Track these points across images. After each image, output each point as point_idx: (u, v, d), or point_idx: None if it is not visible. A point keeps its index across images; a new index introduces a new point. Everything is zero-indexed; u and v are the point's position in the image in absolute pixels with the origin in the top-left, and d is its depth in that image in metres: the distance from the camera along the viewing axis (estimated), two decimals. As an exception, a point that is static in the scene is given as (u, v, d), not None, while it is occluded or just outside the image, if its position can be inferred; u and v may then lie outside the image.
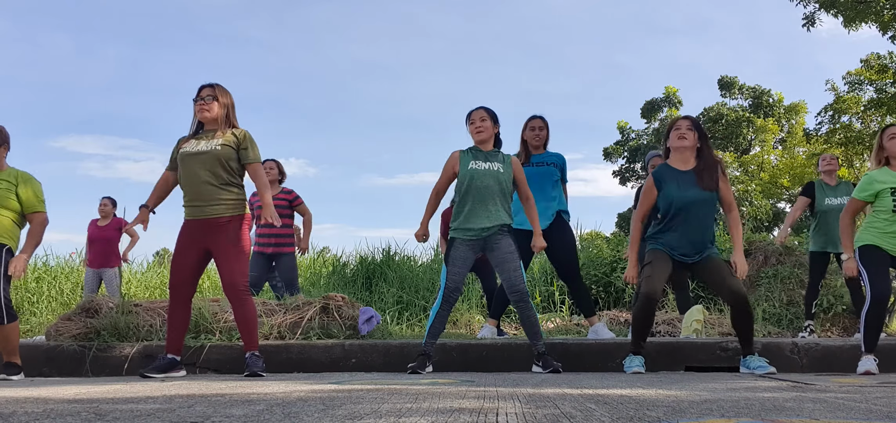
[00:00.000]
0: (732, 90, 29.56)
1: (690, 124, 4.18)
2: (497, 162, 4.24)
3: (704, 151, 4.15)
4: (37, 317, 8.27)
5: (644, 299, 4.04)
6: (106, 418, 1.87)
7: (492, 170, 4.20)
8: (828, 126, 23.41)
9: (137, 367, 4.40)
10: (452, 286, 4.19)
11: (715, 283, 4.09)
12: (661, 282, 4.08)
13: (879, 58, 20.80)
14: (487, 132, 4.29)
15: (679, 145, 4.13)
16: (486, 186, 4.16)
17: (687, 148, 4.12)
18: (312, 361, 4.64)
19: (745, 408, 2.14)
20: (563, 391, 2.70)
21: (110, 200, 7.91)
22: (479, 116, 4.30)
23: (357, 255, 9.30)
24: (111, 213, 7.87)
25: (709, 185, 4.04)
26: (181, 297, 4.05)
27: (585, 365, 4.53)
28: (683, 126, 4.16)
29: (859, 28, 13.52)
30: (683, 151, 4.13)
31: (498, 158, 4.27)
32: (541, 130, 5.14)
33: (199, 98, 4.10)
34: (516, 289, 4.14)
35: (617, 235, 15.82)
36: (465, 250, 4.21)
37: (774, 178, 24.44)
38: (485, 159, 4.24)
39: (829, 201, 5.94)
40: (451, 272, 4.20)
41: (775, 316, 6.50)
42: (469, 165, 4.23)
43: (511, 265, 4.15)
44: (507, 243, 4.19)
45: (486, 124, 4.28)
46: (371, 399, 2.35)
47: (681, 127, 4.16)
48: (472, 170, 4.21)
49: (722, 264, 4.05)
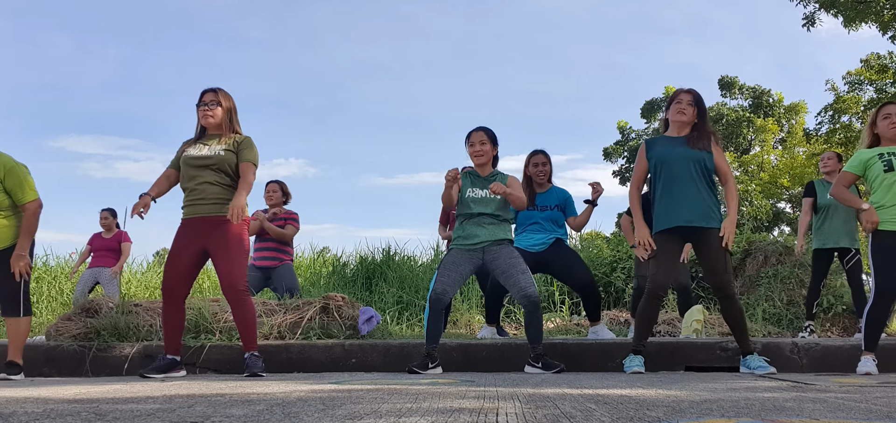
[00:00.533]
0: (732, 90, 29.56)
1: (692, 100, 4.12)
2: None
3: (701, 125, 4.10)
4: (37, 317, 8.27)
5: (649, 295, 4.02)
6: (106, 418, 1.87)
7: (487, 198, 4.25)
8: (828, 126, 23.42)
9: (137, 367, 4.40)
10: (440, 290, 4.15)
11: (707, 265, 4.03)
12: (669, 277, 4.05)
13: (879, 58, 20.80)
14: (486, 156, 4.31)
15: (677, 119, 4.10)
16: (478, 212, 4.22)
17: (685, 123, 4.10)
18: (312, 361, 4.64)
19: (745, 408, 2.14)
20: (563, 391, 2.70)
21: (110, 212, 7.93)
22: (479, 139, 4.31)
23: (357, 255, 9.32)
24: (113, 225, 7.89)
25: (698, 145, 3.99)
26: (174, 299, 4.04)
27: (585, 365, 4.52)
28: (685, 101, 4.11)
29: (859, 28, 13.52)
30: (681, 125, 4.11)
31: (495, 180, 4.29)
32: (544, 166, 5.21)
33: (202, 104, 4.11)
34: (526, 295, 4.09)
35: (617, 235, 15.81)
36: (459, 257, 4.22)
37: (774, 178, 24.43)
38: (482, 186, 4.29)
39: (830, 197, 5.92)
40: (440, 276, 4.20)
41: (775, 316, 6.50)
42: (466, 193, 4.28)
43: (517, 271, 4.13)
44: (508, 251, 4.20)
45: (486, 148, 4.31)
46: (371, 399, 2.35)
47: (682, 101, 4.11)
48: (469, 198, 4.27)
49: (719, 248, 3.95)
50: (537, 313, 4.14)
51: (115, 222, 7.91)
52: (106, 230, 7.87)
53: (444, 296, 4.16)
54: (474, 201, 4.25)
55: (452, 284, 4.20)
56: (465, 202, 4.28)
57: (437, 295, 4.16)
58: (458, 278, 4.23)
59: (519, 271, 4.14)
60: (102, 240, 7.83)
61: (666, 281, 4.02)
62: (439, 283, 4.18)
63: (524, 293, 4.10)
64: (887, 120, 4.11)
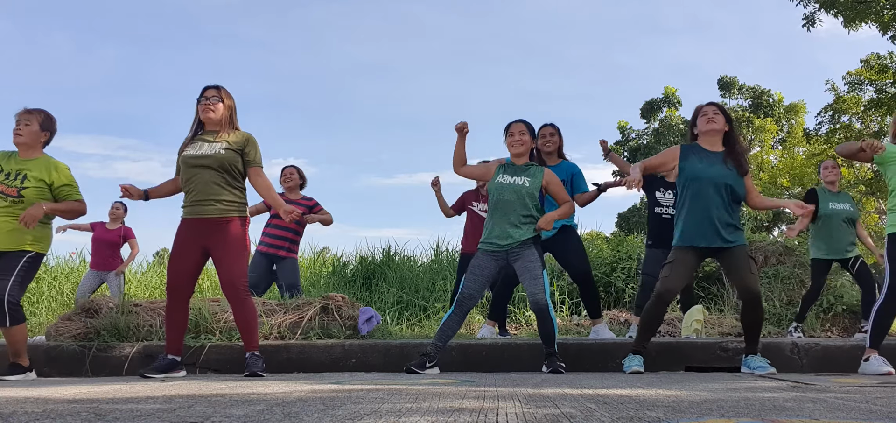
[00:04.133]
0: (732, 90, 29.54)
1: (717, 109, 4.15)
2: (525, 176, 4.25)
3: (732, 136, 4.12)
4: (37, 317, 8.27)
5: (657, 297, 4.02)
6: (106, 418, 1.87)
7: (516, 184, 4.21)
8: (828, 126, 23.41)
9: (137, 367, 4.40)
10: (467, 294, 4.17)
11: (733, 274, 4.04)
12: (680, 283, 4.05)
13: (879, 58, 20.79)
14: (525, 146, 4.31)
15: (708, 129, 4.09)
16: (506, 200, 4.19)
17: (716, 131, 4.09)
18: (312, 361, 4.63)
19: (745, 408, 2.14)
20: (563, 391, 2.70)
21: (122, 206, 7.91)
22: (519, 130, 4.33)
23: (357, 255, 9.32)
24: (121, 218, 7.88)
25: (735, 167, 4.00)
26: (180, 297, 4.04)
27: (585, 365, 4.52)
28: (710, 111, 4.14)
29: (859, 28, 13.51)
30: (712, 134, 4.10)
31: (528, 171, 4.28)
32: (551, 137, 5.06)
33: (203, 98, 4.10)
34: (535, 301, 4.12)
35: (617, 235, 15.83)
36: (486, 260, 4.21)
37: (774, 178, 24.43)
38: (513, 174, 4.27)
39: (832, 206, 5.90)
40: (468, 279, 4.20)
41: (775, 316, 6.50)
42: (497, 178, 4.28)
43: (532, 275, 4.13)
44: (531, 253, 4.17)
45: (525, 138, 4.31)
46: (371, 399, 2.35)
47: (708, 112, 4.13)
48: (498, 183, 4.25)
49: (746, 258, 3.99)
50: (545, 320, 4.13)
51: (123, 217, 7.91)
52: (112, 220, 7.84)
53: (472, 300, 4.18)
54: (501, 188, 4.21)
55: (480, 288, 4.21)
56: (494, 186, 4.25)
57: (466, 297, 4.17)
58: (485, 282, 4.23)
59: (532, 277, 4.13)
60: (105, 231, 7.79)
61: (677, 288, 4.03)
62: (467, 286, 4.18)
63: (532, 298, 4.13)
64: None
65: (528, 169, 4.30)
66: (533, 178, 4.24)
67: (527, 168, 4.30)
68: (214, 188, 3.99)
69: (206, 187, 3.98)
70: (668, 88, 29.60)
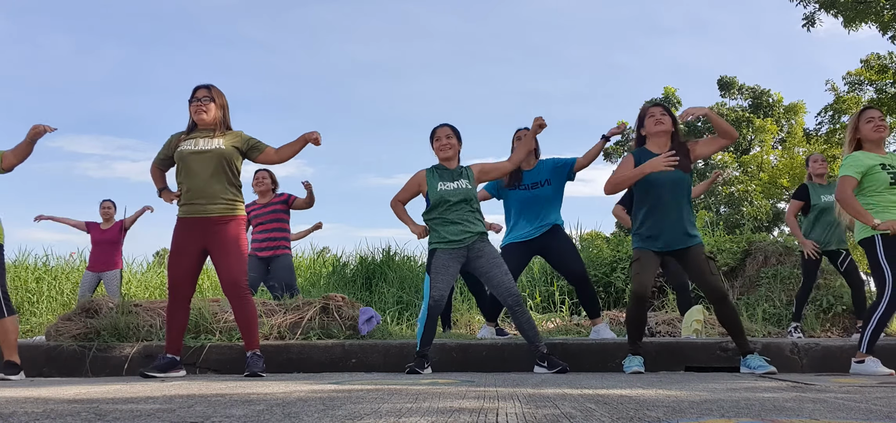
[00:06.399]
0: (732, 90, 29.57)
1: (663, 110, 4.25)
2: (463, 179, 4.31)
3: (676, 136, 4.22)
4: (37, 317, 8.28)
5: (634, 298, 4.09)
6: (106, 418, 1.86)
7: (460, 188, 4.28)
8: (828, 126, 23.44)
9: (137, 367, 4.40)
10: (438, 296, 4.17)
11: (696, 276, 4.12)
12: (650, 279, 4.11)
13: (879, 58, 20.80)
14: (453, 150, 4.37)
15: (657, 130, 4.17)
16: (455, 202, 4.24)
17: (664, 132, 4.17)
18: (312, 361, 4.63)
19: (745, 408, 2.14)
20: (563, 391, 2.70)
21: (112, 203, 7.90)
22: (445, 134, 4.39)
23: (357, 255, 9.31)
24: (113, 215, 7.88)
25: (684, 165, 4.07)
26: (180, 297, 4.04)
27: (585, 365, 4.52)
28: (657, 112, 4.21)
29: (859, 28, 13.51)
30: (660, 135, 4.17)
31: (463, 174, 4.35)
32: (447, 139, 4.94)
33: (195, 99, 4.09)
34: (510, 293, 4.17)
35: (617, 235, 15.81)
36: (446, 259, 4.23)
37: (774, 178, 24.44)
38: (452, 179, 4.32)
39: (824, 198, 5.92)
40: (436, 282, 4.20)
41: (775, 316, 6.50)
42: (438, 187, 4.29)
43: (499, 271, 4.20)
44: (490, 249, 4.28)
45: (452, 141, 4.38)
46: (371, 399, 2.35)
47: (655, 113, 4.21)
48: (440, 192, 4.27)
49: (703, 259, 4.08)
50: (522, 311, 4.18)
51: (114, 213, 7.91)
52: (105, 220, 7.84)
53: (442, 301, 4.19)
54: (448, 194, 4.26)
55: (446, 287, 4.23)
56: (439, 196, 4.27)
57: (437, 301, 4.17)
58: (450, 280, 4.26)
59: (502, 271, 4.20)
60: (100, 232, 7.79)
61: (648, 283, 4.10)
62: (436, 288, 4.19)
63: (505, 291, 4.17)
64: (870, 123, 4.12)
65: (461, 171, 4.36)
66: (468, 178, 4.33)
67: (460, 171, 4.36)
68: (213, 187, 3.98)
69: (207, 183, 3.98)
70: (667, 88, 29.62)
